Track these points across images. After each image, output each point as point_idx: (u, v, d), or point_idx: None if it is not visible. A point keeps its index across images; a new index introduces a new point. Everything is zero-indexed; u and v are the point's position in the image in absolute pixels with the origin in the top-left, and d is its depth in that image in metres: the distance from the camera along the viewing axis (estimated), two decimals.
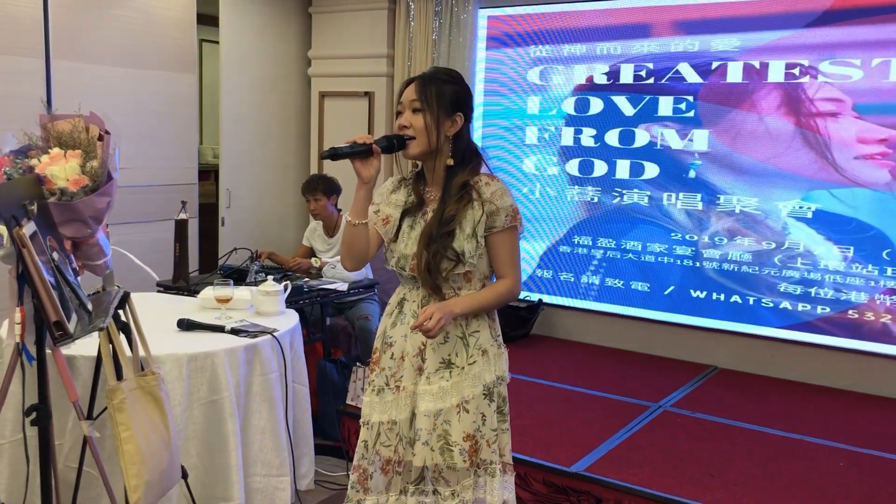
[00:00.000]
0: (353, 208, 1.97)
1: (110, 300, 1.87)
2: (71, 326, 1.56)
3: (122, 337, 2.15)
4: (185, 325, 2.78)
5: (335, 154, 1.90)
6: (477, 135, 5.39)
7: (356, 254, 1.99)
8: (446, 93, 1.94)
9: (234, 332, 2.76)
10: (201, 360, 2.57)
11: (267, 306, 3.02)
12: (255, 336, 2.74)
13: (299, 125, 5.96)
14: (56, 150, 1.86)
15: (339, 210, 4.65)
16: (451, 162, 1.95)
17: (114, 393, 2.02)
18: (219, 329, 2.78)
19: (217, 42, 5.41)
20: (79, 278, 2.01)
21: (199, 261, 5.19)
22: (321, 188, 4.30)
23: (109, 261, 2.00)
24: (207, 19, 5.54)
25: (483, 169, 2.02)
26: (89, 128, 1.89)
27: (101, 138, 1.86)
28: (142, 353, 2.24)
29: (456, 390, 1.95)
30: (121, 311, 2.15)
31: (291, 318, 3.03)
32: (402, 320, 2.03)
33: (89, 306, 1.70)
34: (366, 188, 1.93)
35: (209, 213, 5.51)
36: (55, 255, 1.63)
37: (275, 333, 2.79)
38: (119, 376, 2.12)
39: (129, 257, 2.28)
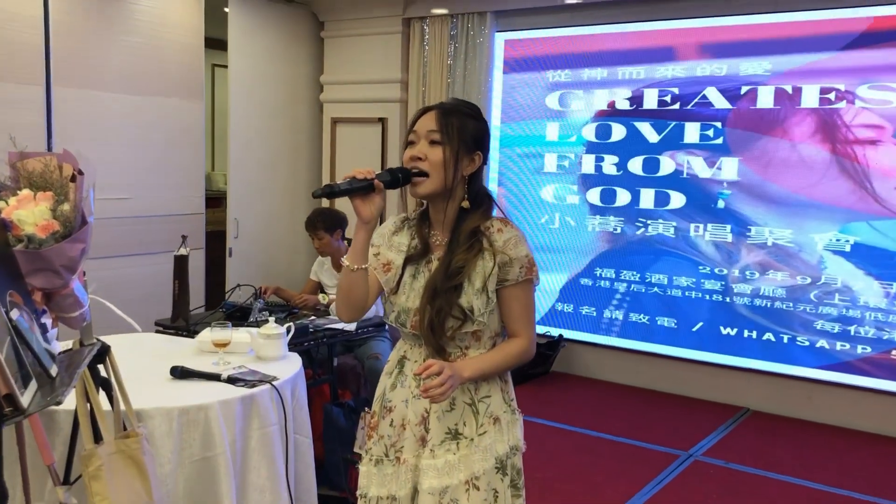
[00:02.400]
0: (352, 251, 1.76)
1: (82, 359, 1.68)
2: (27, 397, 1.37)
3: (103, 394, 1.96)
4: (179, 372, 2.59)
5: (331, 192, 1.69)
6: (494, 163, 5.21)
7: (354, 302, 1.78)
8: (468, 127, 1.75)
9: (231, 380, 2.56)
10: (193, 414, 2.38)
11: (268, 351, 2.84)
12: (253, 385, 2.54)
13: (310, 152, 5.83)
14: (25, 192, 1.68)
15: (348, 241, 4.47)
16: (466, 204, 1.76)
17: (89, 460, 1.83)
18: (214, 377, 2.58)
19: (227, 67, 5.29)
20: (55, 330, 1.82)
21: (205, 292, 5.06)
22: (322, 226, 4.11)
23: (87, 312, 1.81)
24: (219, 43, 5.44)
25: (495, 212, 1.82)
26: (62, 167, 1.71)
27: (73, 179, 1.68)
28: (123, 408, 2.04)
29: (464, 465, 1.73)
30: (100, 366, 1.96)
31: (294, 364, 2.83)
32: (403, 382, 1.82)
33: (53, 372, 1.51)
34: (366, 229, 1.72)
35: (219, 241, 5.38)
36: (14, 314, 1.44)
37: (274, 382, 2.59)
38: (97, 438, 1.93)
39: (109, 306, 2.09)
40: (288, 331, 2.98)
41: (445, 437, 1.74)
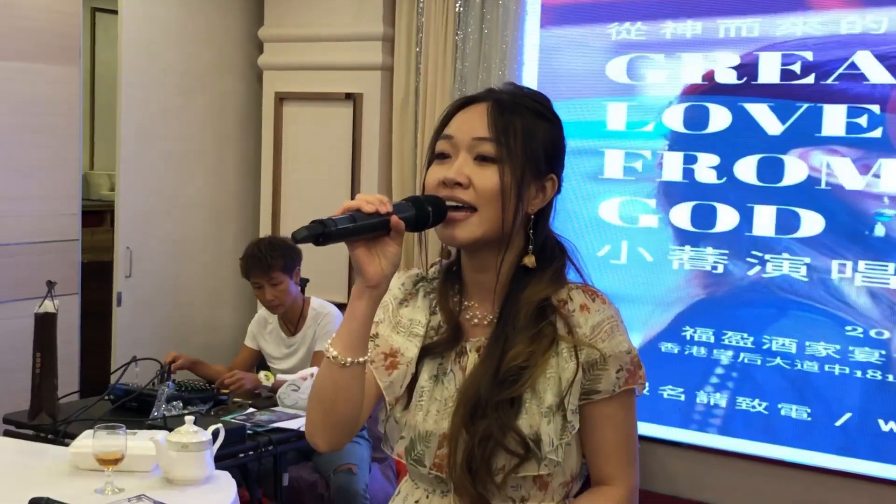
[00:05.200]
0: (343, 333, 1.61)
1: None
2: None
3: None
4: None
5: (324, 233, 1.52)
6: None
7: (338, 419, 1.65)
8: (539, 135, 1.67)
9: None
10: None
11: (183, 469, 2.88)
12: None
13: (243, 143, 5.88)
14: None
15: (306, 283, 4.41)
16: (531, 262, 1.67)
17: None
18: None
19: (116, 12, 5.31)
20: None
21: (80, 364, 5.05)
22: (279, 264, 4.07)
23: None
24: None
25: (570, 274, 1.74)
26: None
27: None
28: None
29: None
30: None
31: (224, 490, 2.86)
32: None
33: None
34: (370, 297, 1.60)
35: (102, 279, 5.40)
36: None
37: None
38: None
39: None
40: (214, 436, 3.02)
41: None
